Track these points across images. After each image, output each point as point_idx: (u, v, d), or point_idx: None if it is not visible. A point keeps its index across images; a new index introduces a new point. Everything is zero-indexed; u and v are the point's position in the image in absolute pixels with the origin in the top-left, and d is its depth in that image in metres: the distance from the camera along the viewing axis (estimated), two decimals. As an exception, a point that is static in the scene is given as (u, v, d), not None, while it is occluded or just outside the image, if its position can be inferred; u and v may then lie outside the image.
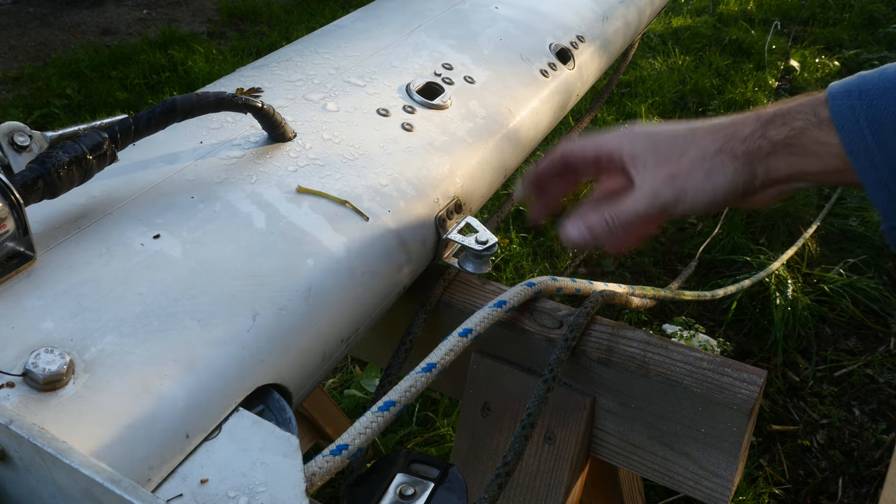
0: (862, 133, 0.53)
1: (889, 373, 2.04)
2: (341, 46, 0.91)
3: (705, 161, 0.61)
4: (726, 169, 0.60)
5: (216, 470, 0.48)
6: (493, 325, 0.69)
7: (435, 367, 0.62)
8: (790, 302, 2.15)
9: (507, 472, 0.60)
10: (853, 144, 0.54)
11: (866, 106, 0.53)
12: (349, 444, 0.55)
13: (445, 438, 1.78)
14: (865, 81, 0.54)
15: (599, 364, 0.71)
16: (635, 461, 0.74)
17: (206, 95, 0.64)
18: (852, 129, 0.53)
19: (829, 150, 0.56)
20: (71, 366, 0.48)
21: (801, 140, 0.57)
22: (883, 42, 3.95)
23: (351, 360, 2.01)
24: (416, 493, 0.55)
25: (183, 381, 0.51)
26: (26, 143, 0.54)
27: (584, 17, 1.13)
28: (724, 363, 0.68)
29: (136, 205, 0.61)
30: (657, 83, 3.52)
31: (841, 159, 0.55)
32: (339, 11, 4.48)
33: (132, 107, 3.48)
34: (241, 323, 0.56)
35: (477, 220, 0.78)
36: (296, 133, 0.74)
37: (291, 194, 0.67)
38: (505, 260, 2.40)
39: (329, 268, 0.63)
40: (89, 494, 0.40)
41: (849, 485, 1.77)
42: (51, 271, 0.54)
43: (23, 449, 0.42)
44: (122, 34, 4.42)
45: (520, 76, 0.96)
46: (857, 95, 0.54)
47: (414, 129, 0.80)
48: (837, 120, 0.54)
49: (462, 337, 0.66)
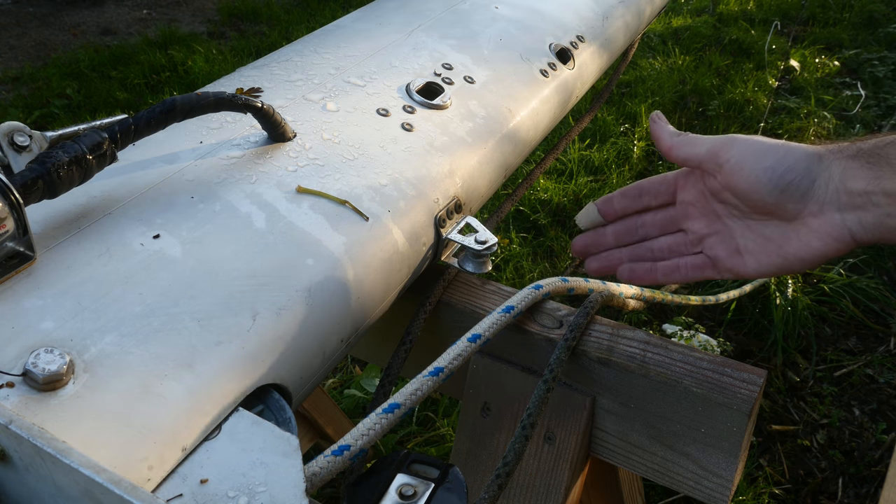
0: None
1: (889, 373, 2.04)
2: (341, 46, 0.91)
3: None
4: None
5: (216, 470, 0.48)
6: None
7: (442, 372, 0.62)
8: (790, 302, 2.15)
9: (507, 473, 0.60)
10: None
11: None
12: (351, 445, 0.55)
13: (445, 438, 1.78)
14: None
15: (599, 364, 0.71)
16: (635, 461, 0.74)
17: (206, 95, 0.64)
18: None
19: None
20: (71, 366, 0.48)
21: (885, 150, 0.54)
22: (883, 42, 3.95)
23: (351, 360, 2.01)
24: (416, 493, 0.55)
25: (183, 381, 0.51)
26: (26, 143, 0.54)
27: (584, 17, 1.13)
28: (724, 363, 0.68)
29: (135, 205, 0.61)
30: (657, 83, 3.52)
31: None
32: (339, 11, 4.48)
33: (132, 107, 3.48)
34: (241, 323, 0.56)
35: (477, 220, 0.78)
36: (296, 133, 0.74)
37: (291, 194, 0.67)
38: (505, 260, 2.40)
39: (329, 268, 0.63)
40: (89, 494, 0.40)
41: (849, 485, 1.77)
42: (51, 271, 0.54)
43: (23, 449, 0.42)
44: (122, 34, 4.42)
45: (520, 76, 0.96)
46: None
47: (414, 129, 0.80)
48: None
49: (471, 342, 0.66)
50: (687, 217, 0.69)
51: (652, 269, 0.71)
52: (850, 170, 0.56)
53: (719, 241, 0.66)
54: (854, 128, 3.17)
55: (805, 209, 0.59)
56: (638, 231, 0.72)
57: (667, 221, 0.70)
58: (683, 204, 0.69)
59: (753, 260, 0.64)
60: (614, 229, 0.73)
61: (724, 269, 0.67)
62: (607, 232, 0.73)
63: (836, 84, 3.56)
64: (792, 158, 0.59)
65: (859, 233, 0.57)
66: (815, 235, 0.59)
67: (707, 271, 0.68)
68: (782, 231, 0.61)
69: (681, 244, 0.70)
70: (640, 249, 0.72)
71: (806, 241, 0.60)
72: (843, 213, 0.57)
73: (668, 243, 0.71)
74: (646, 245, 0.72)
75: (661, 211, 0.71)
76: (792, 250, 0.61)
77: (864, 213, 0.56)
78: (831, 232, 0.58)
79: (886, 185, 0.54)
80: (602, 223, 0.74)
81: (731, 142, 0.63)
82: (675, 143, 0.67)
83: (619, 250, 0.73)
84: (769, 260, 0.63)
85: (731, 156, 0.62)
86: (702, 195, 0.67)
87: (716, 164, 0.63)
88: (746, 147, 0.61)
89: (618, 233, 0.73)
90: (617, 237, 0.73)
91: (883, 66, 3.65)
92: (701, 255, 0.68)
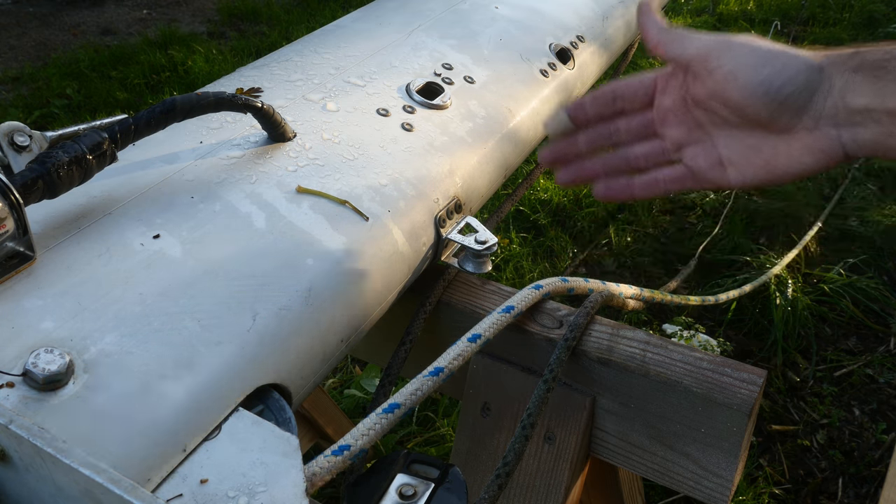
0: None
1: (889, 373, 2.04)
2: (341, 46, 0.91)
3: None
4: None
5: (216, 470, 0.48)
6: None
7: (442, 372, 0.62)
8: (790, 302, 2.15)
9: (507, 473, 0.60)
10: None
11: None
12: (352, 444, 0.55)
13: (445, 438, 1.78)
14: None
15: (599, 364, 0.71)
16: (635, 461, 0.74)
17: (206, 95, 0.64)
18: None
19: None
20: (71, 366, 0.48)
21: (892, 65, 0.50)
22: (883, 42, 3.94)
23: (351, 360, 2.01)
24: (416, 493, 0.55)
25: (183, 381, 0.51)
26: (26, 143, 0.54)
27: (584, 17, 1.13)
28: (724, 363, 0.68)
29: (135, 205, 0.61)
30: (657, 83, 3.52)
31: None
32: (339, 11, 4.48)
33: (132, 107, 3.48)
34: (241, 323, 0.55)
35: (477, 220, 0.78)
36: (296, 133, 0.74)
37: (291, 194, 0.67)
38: (505, 260, 2.40)
39: (329, 268, 0.63)
40: (89, 494, 0.40)
41: (849, 485, 1.77)
42: (51, 271, 0.54)
43: (23, 449, 0.42)
44: (122, 34, 4.42)
45: (520, 76, 0.96)
46: None
47: (414, 129, 0.80)
48: None
49: (471, 342, 0.66)
50: (665, 123, 0.64)
51: (628, 184, 0.66)
52: (852, 84, 0.53)
53: (700, 150, 0.62)
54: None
55: (800, 123, 0.55)
56: (611, 138, 0.66)
57: (642, 128, 0.65)
58: (662, 109, 0.64)
59: (737, 172, 0.60)
60: (586, 136, 0.67)
61: (704, 181, 0.63)
62: (578, 140, 0.67)
63: (836, 84, 3.55)
64: (792, 69, 0.54)
65: (854, 149, 0.54)
66: (806, 150, 0.56)
67: (687, 182, 0.64)
68: (771, 143, 0.57)
69: (658, 152, 0.65)
70: (614, 159, 0.67)
71: (797, 156, 0.56)
72: (839, 129, 0.54)
73: (644, 151, 0.66)
74: (620, 154, 0.66)
75: (638, 115, 0.65)
76: (781, 164, 0.57)
77: (863, 130, 0.53)
78: (824, 148, 0.55)
79: (890, 102, 0.51)
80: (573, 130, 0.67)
81: (726, 45, 0.57)
82: (664, 38, 0.61)
83: (591, 160, 0.68)
84: (754, 172, 0.59)
85: (725, 62, 0.57)
86: (682, 100, 0.62)
87: (706, 68, 0.58)
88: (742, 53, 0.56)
89: (590, 140, 0.67)
90: (589, 144, 0.67)
91: (883, 66, 3.64)
92: (680, 165, 0.64)
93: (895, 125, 0.51)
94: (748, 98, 0.56)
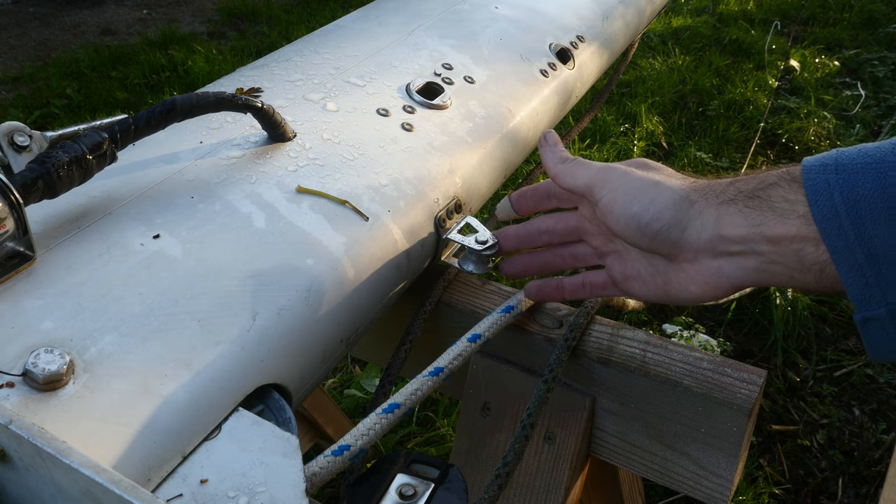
0: (836, 209, 0.48)
1: (889, 373, 2.04)
2: (341, 46, 0.91)
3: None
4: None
5: (216, 470, 0.48)
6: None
7: (442, 372, 0.63)
8: (790, 302, 2.15)
9: (507, 472, 0.60)
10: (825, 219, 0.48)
11: (842, 181, 0.48)
12: (352, 444, 0.55)
13: (445, 438, 1.78)
14: (843, 156, 0.49)
15: (599, 364, 0.71)
16: (635, 461, 0.74)
17: (206, 95, 0.64)
18: (825, 205, 0.48)
19: (794, 208, 0.50)
20: (71, 366, 0.48)
21: (767, 193, 0.51)
22: (883, 42, 3.95)
23: (351, 360, 2.01)
24: (416, 493, 0.55)
25: (183, 381, 0.51)
26: (26, 143, 0.54)
27: (584, 17, 1.13)
28: (723, 363, 0.68)
29: (135, 205, 0.61)
30: (657, 83, 3.52)
31: (806, 223, 0.49)
32: (339, 11, 4.48)
33: (132, 107, 3.48)
34: (241, 323, 0.56)
35: (477, 220, 0.78)
36: (296, 133, 0.74)
37: (291, 194, 0.67)
38: (505, 260, 2.40)
39: (329, 268, 0.63)
40: (89, 494, 0.40)
41: (849, 485, 1.77)
42: (51, 271, 0.54)
43: (23, 449, 0.42)
44: (122, 34, 4.42)
45: (520, 76, 0.96)
46: (834, 169, 0.48)
47: (414, 129, 0.80)
48: (811, 192, 0.49)
49: (471, 342, 0.66)
50: (587, 232, 0.67)
51: (559, 286, 0.69)
52: (726, 215, 0.53)
53: (616, 260, 0.64)
54: (854, 128, 3.17)
55: (680, 255, 0.56)
56: (541, 237, 0.70)
57: (569, 231, 0.68)
58: (584, 218, 0.67)
59: (643, 288, 0.62)
60: (516, 232, 0.71)
61: (621, 291, 0.65)
62: (509, 234, 0.71)
63: (836, 84, 3.56)
64: (659, 206, 0.56)
65: (741, 279, 0.54)
66: (692, 281, 0.56)
67: (609, 289, 0.67)
68: (666, 267, 0.59)
69: (586, 253, 0.68)
70: (548, 255, 0.71)
71: (685, 285, 0.57)
72: (718, 260, 0.54)
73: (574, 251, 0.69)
74: (556, 250, 0.70)
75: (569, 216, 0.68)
76: (673, 289, 0.59)
77: (744, 260, 0.53)
78: (709, 280, 0.55)
79: (769, 230, 0.51)
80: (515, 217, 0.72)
81: (605, 178, 0.60)
82: (559, 170, 0.63)
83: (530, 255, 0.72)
84: (655, 292, 0.61)
85: (604, 195, 0.59)
86: (595, 215, 0.65)
87: (593, 198, 0.60)
88: (617, 187, 0.58)
89: (519, 236, 0.71)
90: (519, 241, 0.71)
91: (883, 66, 3.65)
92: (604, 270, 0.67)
93: (775, 252, 0.51)
94: (624, 230, 0.58)
